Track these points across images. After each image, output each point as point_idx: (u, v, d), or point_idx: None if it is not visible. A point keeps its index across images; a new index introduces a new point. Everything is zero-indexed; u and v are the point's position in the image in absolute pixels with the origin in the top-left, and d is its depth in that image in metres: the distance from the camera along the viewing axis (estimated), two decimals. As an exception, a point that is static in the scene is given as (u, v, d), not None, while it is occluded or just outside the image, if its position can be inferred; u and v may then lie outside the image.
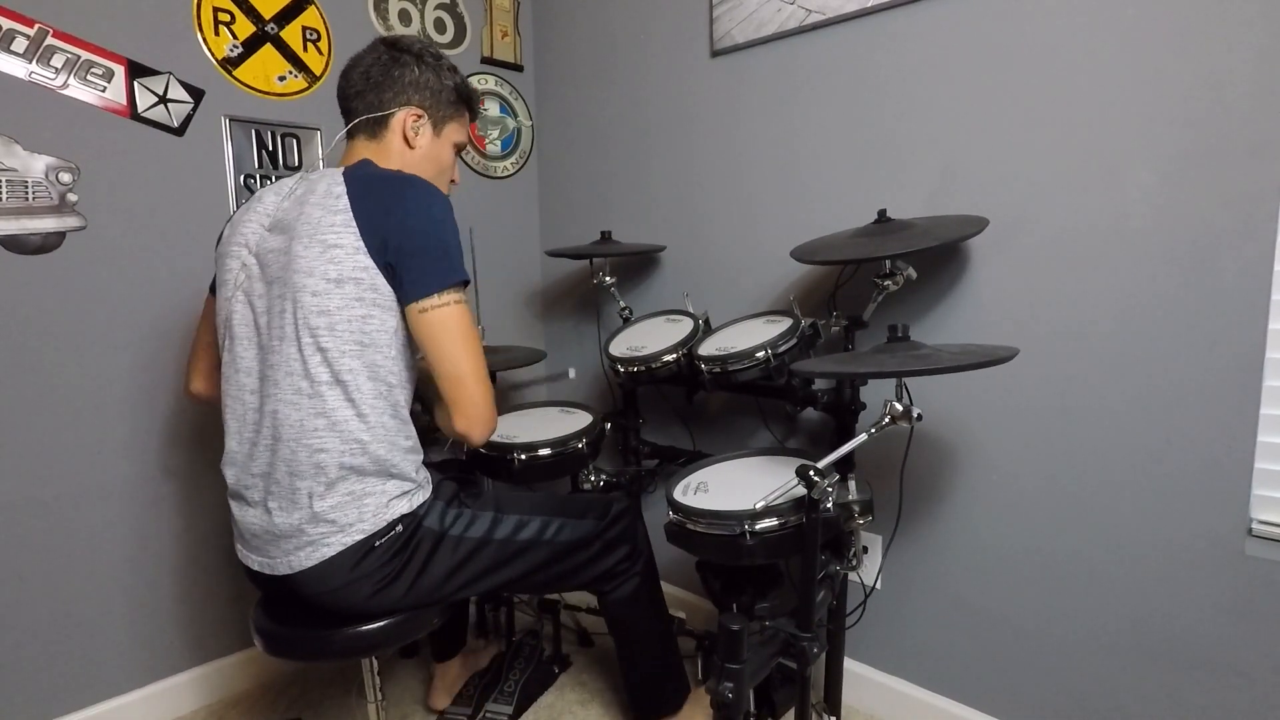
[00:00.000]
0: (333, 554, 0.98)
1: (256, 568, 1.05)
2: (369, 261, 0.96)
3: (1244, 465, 1.05)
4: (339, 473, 0.98)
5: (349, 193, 0.98)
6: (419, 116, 1.12)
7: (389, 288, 0.97)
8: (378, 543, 1.00)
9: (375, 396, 1.00)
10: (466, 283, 1.01)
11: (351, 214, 0.96)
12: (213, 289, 1.16)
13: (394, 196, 0.99)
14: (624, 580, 1.28)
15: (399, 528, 1.02)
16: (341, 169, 1.03)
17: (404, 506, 1.03)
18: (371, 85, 1.09)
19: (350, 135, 1.12)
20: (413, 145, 1.12)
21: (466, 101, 1.18)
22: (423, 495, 1.07)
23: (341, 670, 1.69)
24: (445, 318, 0.98)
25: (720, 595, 1.28)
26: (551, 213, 2.13)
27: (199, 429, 1.53)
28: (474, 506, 1.12)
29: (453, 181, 1.23)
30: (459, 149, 1.21)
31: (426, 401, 1.19)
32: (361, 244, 0.95)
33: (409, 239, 0.97)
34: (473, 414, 1.00)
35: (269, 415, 0.99)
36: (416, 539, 1.04)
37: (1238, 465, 1.05)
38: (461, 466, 1.43)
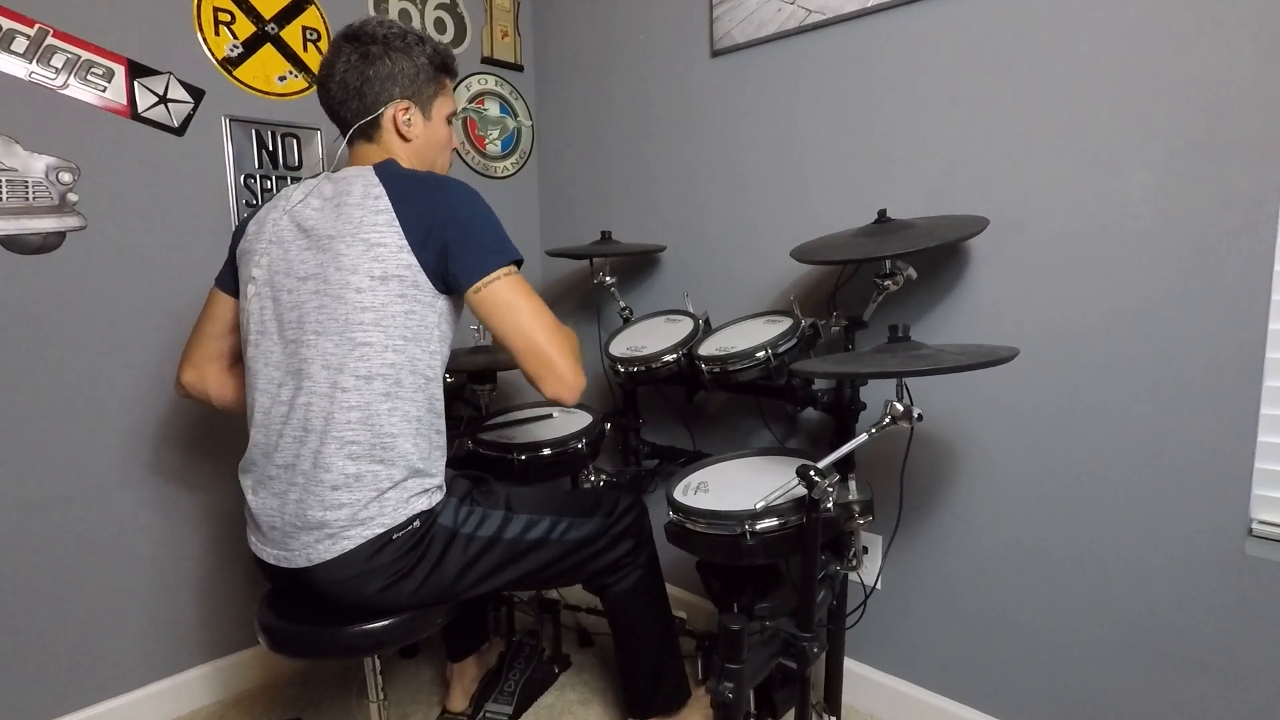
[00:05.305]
0: (351, 547, 0.99)
1: (271, 561, 1.05)
2: (412, 259, 0.99)
3: (1244, 465, 1.05)
4: (366, 466, 0.99)
5: (389, 193, 1.01)
6: (406, 109, 1.11)
7: (430, 284, 1.01)
8: (395, 536, 1.01)
9: (414, 390, 1.02)
10: (520, 262, 1.04)
11: (394, 214, 0.99)
12: (220, 283, 1.17)
13: (435, 198, 1.02)
14: (627, 573, 1.28)
15: (416, 523, 1.03)
16: (370, 167, 1.05)
17: (423, 503, 1.04)
18: (352, 93, 1.08)
19: (350, 142, 1.12)
20: (408, 138, 1.12)
21: (444, 69, 1.16)
22: (440, 493, 1.08)
23: (342, 670, 1.69)
24: (499, 290, 1.00)
25: (720, 595, 1.28)
26: (551, 213, 2.13)
27: (201, 427, 1.53)
28: (485, 505, 1.13)
29: (454, 149, 1.24)
30: (451, 119, 1.20)
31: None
32: (405, 242, 0.99)
33: (455, 235, 1.00)
34: (557, 381, 1.02)
35: (300, 408, 1.00)
36: (431, 536, 1.05)
37: (1238, 465, 1.05)
38: (467, 464, 1.43)
